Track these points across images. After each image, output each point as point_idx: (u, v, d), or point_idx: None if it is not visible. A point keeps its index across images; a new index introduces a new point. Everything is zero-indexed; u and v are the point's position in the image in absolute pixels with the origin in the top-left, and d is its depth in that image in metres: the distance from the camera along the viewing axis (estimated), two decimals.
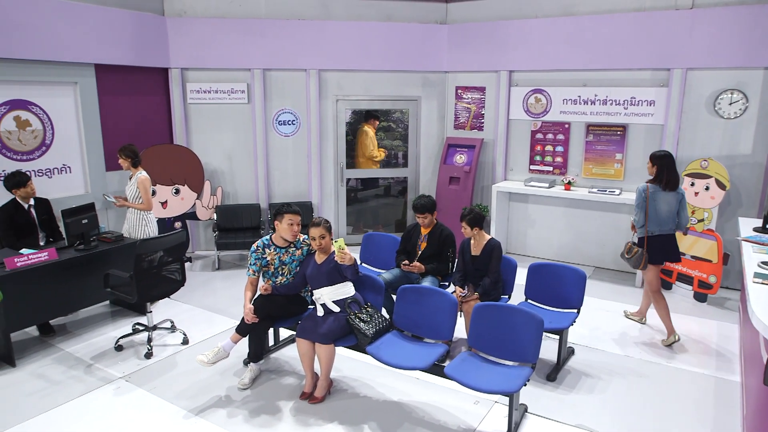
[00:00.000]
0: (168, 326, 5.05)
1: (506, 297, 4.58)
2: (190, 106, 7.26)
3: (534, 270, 4.63)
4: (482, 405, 3.91)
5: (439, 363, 3.75)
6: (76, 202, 5.17)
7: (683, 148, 6.22)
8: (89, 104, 6.28)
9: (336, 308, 3.98)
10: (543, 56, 6.89)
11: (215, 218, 7.15)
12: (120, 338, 4.80)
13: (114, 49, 6.39)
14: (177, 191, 7.01)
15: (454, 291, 4.36)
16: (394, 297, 4.27)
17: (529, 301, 4.64)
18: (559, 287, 4.50)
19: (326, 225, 4.02)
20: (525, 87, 7.13)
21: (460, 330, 4.27)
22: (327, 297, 3.99)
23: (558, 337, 4.42)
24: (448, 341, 3.91)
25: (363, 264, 5.39)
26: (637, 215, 4.77)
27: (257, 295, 4.17)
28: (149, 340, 4.70)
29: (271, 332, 4.71)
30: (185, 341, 4.87)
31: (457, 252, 4.73)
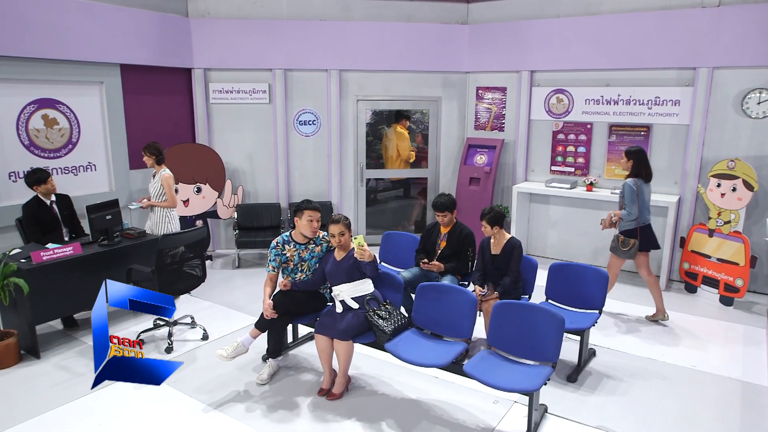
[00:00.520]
0: (188, 322, 5.10)
1: (526, 297, 4.53)
2: (213, 106, 7.34)
3: (555, 270, 4.58)
4: (501, 405, 3.86)
5: (458, 361, 3.72)
6: (101, 200, 5.26)
7: (709, 149, 6.10)
8: (114, 103, 6.39)
9: (355, 305, 3.98)
10: (565, 56, 6.82)
11: (236, 217, 7.21)
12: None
13: (139, 50, 6.50)
14: (199, 190, 7.09)
15: (474, 290, 4.33)
16: (413, 296, 4.25)
17: (550, 301, 4.59)
18: (581, 287, 4.44)
19: (346, 222, 4.03)
20: (546, 87, 7.07)
21: (479, 330, 4.23)
22: (346, 293, 3.99)
23: (579, 339, 4.35)
24: (468, 339, 3.88)
25: (382, 263, 5.38)
26: (631, 209, 5.01)
27: (277, 291, 4.19)
28: (170, 335, 4.76)
29: (290, 329, 4.73)
30: (205, 337, 4.92)
31: (477, 251, 4.70)
